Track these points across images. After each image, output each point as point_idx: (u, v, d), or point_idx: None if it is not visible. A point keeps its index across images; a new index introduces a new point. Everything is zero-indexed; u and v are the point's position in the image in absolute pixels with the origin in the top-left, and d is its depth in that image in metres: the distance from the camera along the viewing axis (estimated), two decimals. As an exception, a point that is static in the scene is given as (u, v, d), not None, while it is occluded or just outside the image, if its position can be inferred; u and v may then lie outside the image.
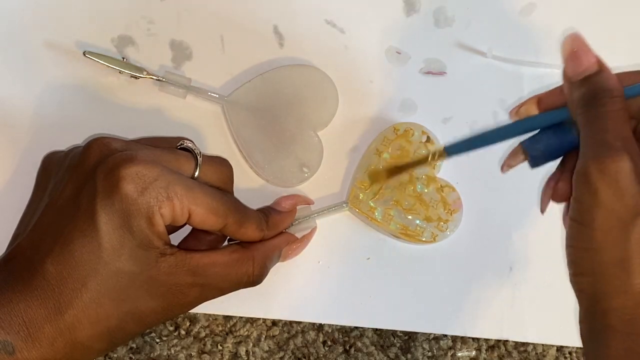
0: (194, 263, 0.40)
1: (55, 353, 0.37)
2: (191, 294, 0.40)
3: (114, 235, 0.38)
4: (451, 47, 0.53)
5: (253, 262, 0.42)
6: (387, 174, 0.47)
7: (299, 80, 0.50)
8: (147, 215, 0.38)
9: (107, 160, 0.39)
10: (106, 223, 0.37)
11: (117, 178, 0.38)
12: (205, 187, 0.41)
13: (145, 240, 0.38)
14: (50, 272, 0.37)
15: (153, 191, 0.38)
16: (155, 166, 0.38)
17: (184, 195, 0.39)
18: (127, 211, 0.37)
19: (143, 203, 0.38)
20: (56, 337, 0.37)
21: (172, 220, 0.39)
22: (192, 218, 0.39)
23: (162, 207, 0.38)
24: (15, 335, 0.36)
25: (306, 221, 0.49)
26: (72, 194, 0.39)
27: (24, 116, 0.50)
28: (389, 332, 0.50)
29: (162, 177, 0.38)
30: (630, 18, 0.54)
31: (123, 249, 0.38)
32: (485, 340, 0.50)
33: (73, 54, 0.51)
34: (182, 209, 0.39)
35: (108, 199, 0.37)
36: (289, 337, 0.50)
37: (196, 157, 0.42)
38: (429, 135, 0.50)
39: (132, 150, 0.39)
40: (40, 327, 0.37)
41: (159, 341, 0.49)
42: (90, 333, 0.38)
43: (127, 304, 0.38)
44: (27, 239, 0.40)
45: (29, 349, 0.36)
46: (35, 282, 0.37)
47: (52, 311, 0.37)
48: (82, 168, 0.40)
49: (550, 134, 0.39)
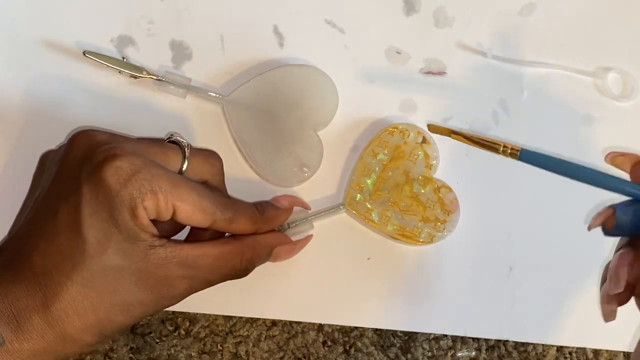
0: (184, 255, 0.40)
1: (46, 345, 0.37)
2: (181, 285, 0.40)
3: (99, 228, 0.38)
4: (451, 47, 0.53)
5: (242, 256, 0.42)
6: (449, 132, 0.42)
7: (299, 80, 0.50)
8: (130, 207, 0.38)
9: (91, 153, 0.39)
10: (90, 216, 0.37)
11: (101, 171, 0.38)
12: (192, 183, 0.40)
13: (132, 233, 0.38)
14: (37, 264, 0.38)
15: (136, 183, 0.38)
16: (138, 159, 0.38)
17: (169, 190, 0.39)
18: (111, 204, 0.37)
19: (125, 195, 0.37)
20: (45, 329, 0.37)
21: (157, 215, 0.39)
22: (178, 214, 0.39)
23: (145, 200, 0.38)
24: (5, 327, 0.36)
25: (303, 223, 0.49)
26: (57, 187, 0.39)
27: (22, 115, 0.50)
28: (389, 332, 0.50)
29: (145, 170, 0.38)
30: (631, 18, 0.54)
31: (109, 243, 0.38)
32: (485, 340, 0.50)
33: (73, 53, 0.51)
34: (167, 204, 0.39)
35: (92, 192, 0.38)
36: (289, 337, 0.50)
37: (184, 150, 0.42)
38: (425, 135, 0.50)
39: (117, 143, 0.39)
40: (29, 318, 0.37)
41: (159, 341, 0.49)
42: (79, 325, 0.38)
43: (115, 296, 0.38)
44: (17, 233, 0.40)
45: (19, 340, 0.37)
46: (23, 274, 0.38)
47: (39, 303, 0.37)
48: (67, 162, 0.40)
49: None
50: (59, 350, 0.38)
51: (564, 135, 0.52)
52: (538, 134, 0.52)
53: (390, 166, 0.49)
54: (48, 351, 0.37)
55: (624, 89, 0.53)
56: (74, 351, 0.39)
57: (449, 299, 0.50)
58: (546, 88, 0.53)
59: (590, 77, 0.53)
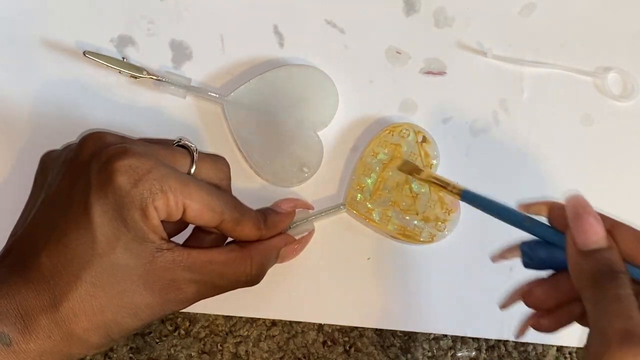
0: (192, 259, 0.40)
1: (52, 345, 0.37)
2: (188, 290, 0.40)
3: (108, 227, 0.37)
4: (451, 47, 0.53)
5: (251, 261, 0.42)
6: (403, 167, 0.48)
7: (299, 80, 0.50)
8: (140, 207, 0.38)
9: (101, 153, 0.39)
10: (100, 215, 0.37)
11: (111, 170, 0.38)
12: (201, 183, 0.41)
13: (140, 233, 0.38)
14: (45, 264, 0.37)
15: (146, 183, 0.38)
16: (149, 159, 0.38)
17: (179, 189, 0.39)
18: (121, 203, 0.37)
19: (136, 195, 0.37)
20: (52, 329, 0.37)
21: (167, 215, 0.39)
22: (187, 213, 0.39)
23: (155, 200, 0.38)
24: (12, 327, 0.36)
25: (304, 224, 0.49)
26: (66, 187, 0.39)
27: (23, 116, 0.50)
28: (389, 332, 0.50)
29: (155, 170, 0.38)
30: (631, 18, 0.54)
31: (118, 242, 0.38)
32: (485, 340, 0.50)
33: (73, 53, 0.51)
34: (177, 203, 0.39)
35: (102, 191, 0.38)
36: (289, 337, 0.50)
37: (192, 154, 0.42)
38: (425, 135, 0.50)
39: (127, 144, 0.39)
40: (36, 319, 0.37)
41: (159, 341, 0.49)
42: (86, 326, 0.38)
43: (123, 298, 0.38)
44: (23, 234, 0.40)
45: (25, 340, 0.36)
46: (31, 274, 0.37)
47: (47, 303, 0.37)
48: (77, 161, 0.40)
49: (549, 249, 0.39)
50: (65, 351, 0.38)
51: (564, 135, 0.52)
52: (538, 134, 0.52)
53: (391, 166, 0.49)
54: (54, 351, 0.37)
55: (624, 89, 0.53)
56: (79, 352, 0.38)
57: (448, 299, 0.50)
58: (546, 88, 0.53)
59: (590, 77, 0.53)
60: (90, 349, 0.39)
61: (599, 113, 0.53)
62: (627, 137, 0.53)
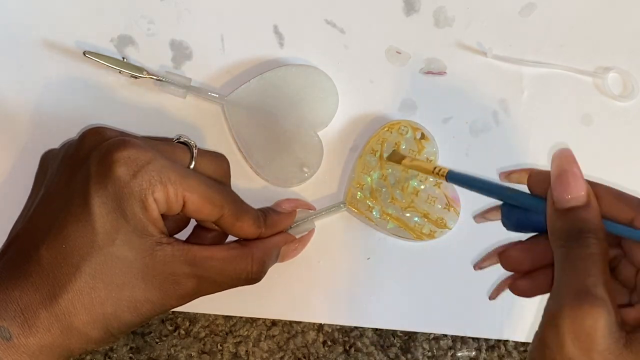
0: (192, 254, 0.40)
1: (52, 339, 0.37)
2: (188, 284, 0.40)
3: (108, 219, 0.38)
4: (451, 47, 0.53)
5: (252, 259, 0.42)
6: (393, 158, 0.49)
7: (299, 80, 0.50)
8: (140, 199, 0.38)
9: (101, 145, 0.39)
10: (99, 207, 0.37)
11: (110, 161, 0.38)
12: (201, 176, 0.41)
13: (140, 225, 0.38)
14: (44, 257, 0.37)
15: (146, 174, 0.38)
16: (149, 151, 0.39)
17: (178, 181, 0.39)
18: (120, 194, 0.37)
19: (135, 186, 0.38)
20: (52, 322, 0.37)
21: (167, 207, 0.39)
22: (187, 206, 0.39)
23: (155, 191, 0.38)
24: (12, 321, 0.36)
25: (304, 223, 0.49)
26: (66, 180, 0.39)
27: (23, 116, 0.50)
28: (389, 332, 0.50)
29: (155, 161, 0.38)
30: (631, 18, 0.54)
31: (117, 234, 0.38)
32: (485, 340, 0.50)
33: (73, 53, 0.51)
34: (177, 195, 0.39)
35: (101, 182, 0.38)
36: (289, 337, 0.50)
37: (192, 150, 0.42)
38: (423, 131, 0.50)
39: (127, 137, 0.40)
40: (35, 312, 0.37)
41: (159, 341, 0.49)
42: (86, 319, 0.38)
43: (122, 291, 0.38)
44: (23, 228, 0.40)
45: (25, 334, 0.36)
46: (30, 268, 0.37)
47: (47, 296, 0.37)
48: (77, 155, 0.40)
49: (528, 214, 0.39)
50: (65, 345, 0.38)
51: (564, 135, 0.52)
52: (538, 134, 0.52)
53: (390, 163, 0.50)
54: (54, 345, 0.37)
55: (624, 89, 0.53)
56: (79, 346, 0.38)
57: (449, 299, 0.50)
58: (546, 88, 0.53)
59: (590, 77, 0.53)
60: (89, 344, 0.39)
61: (599, 113, 0.53)
62: (627, 137, 0.53)
